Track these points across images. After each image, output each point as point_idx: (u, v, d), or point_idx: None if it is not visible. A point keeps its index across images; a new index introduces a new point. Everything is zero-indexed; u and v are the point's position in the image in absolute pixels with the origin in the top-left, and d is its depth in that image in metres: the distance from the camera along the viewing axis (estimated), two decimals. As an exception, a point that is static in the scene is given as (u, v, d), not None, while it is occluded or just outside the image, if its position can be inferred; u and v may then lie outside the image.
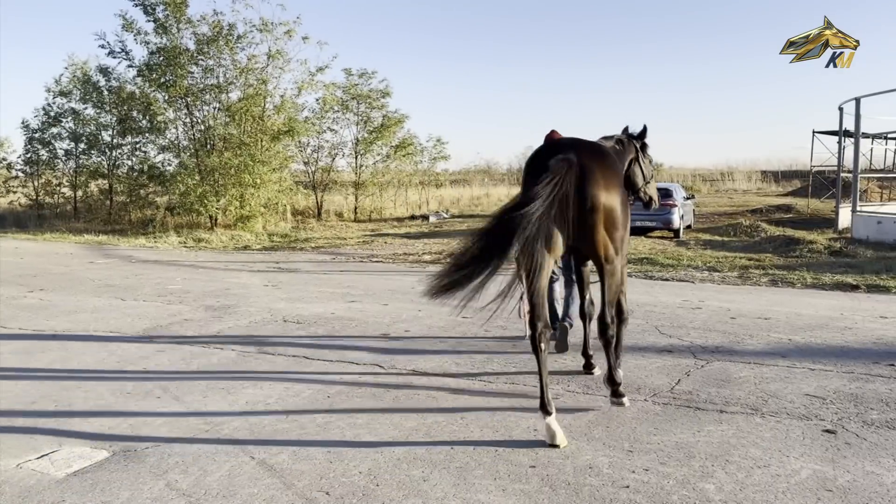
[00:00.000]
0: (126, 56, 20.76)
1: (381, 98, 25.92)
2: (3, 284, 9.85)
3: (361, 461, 3.50)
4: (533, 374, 5.06)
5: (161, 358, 5.71)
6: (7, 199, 26.75)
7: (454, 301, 4.03)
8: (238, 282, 10.18)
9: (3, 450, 3.73)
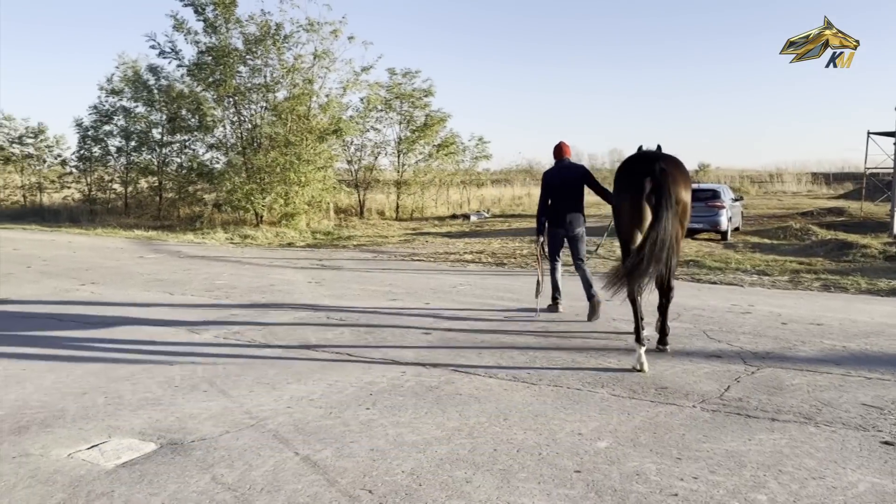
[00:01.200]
0: (176, 56, 21.25)
1: (423, 97, 26.00)
2: (57, 277, 10.16)
3: (404, 460, 3.49)
4: (576, 374, 5.02)
5: (208, 352, 5.80)
6: (62, 195, 27.67)
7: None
8: (283, 278, 10.31)
9: (55, 440, 3.83)
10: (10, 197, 28.82)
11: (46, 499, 3.11)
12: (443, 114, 26.30)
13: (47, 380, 4.98)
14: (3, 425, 4.06)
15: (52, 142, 28.12)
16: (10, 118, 27.92)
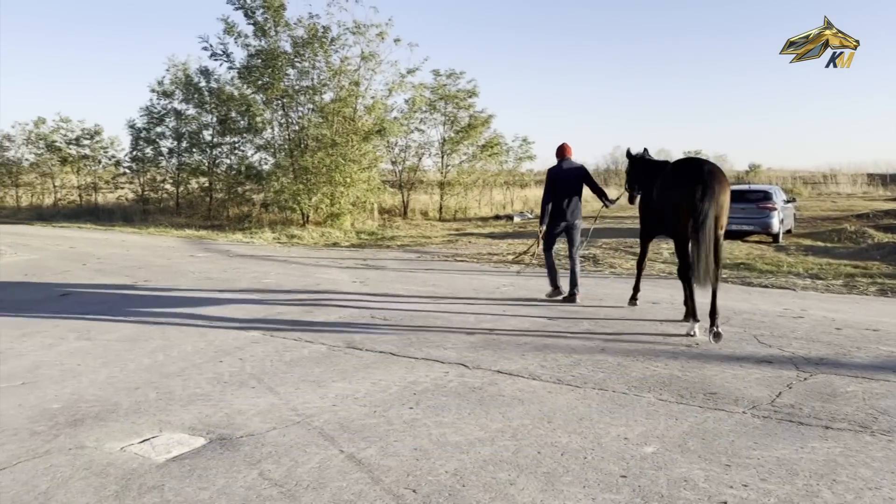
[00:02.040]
0: (227, 58, 21.70)
1: (468, 98, 26.02)
2: (111, 275, 10.47)
3: (448, 461, 3.50)
4: (621, 377, 4.95)
5: (256, 349, 5.91)
6: (115, 195, 28.57)
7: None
8: (328, 277, 10.43)
9: (109, 433, 3.95)
10: (66, 196, 29.91)
11: (100, 490, 3.21)
12: (487, 115, 26.29)
13: (101, 374, 5.14)
14: (60, 418, 4.20)
15: (107, 143, 29.14)
16: (66, 120, 29.01)
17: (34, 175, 30.21)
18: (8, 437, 3.88)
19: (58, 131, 29.06)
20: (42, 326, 6.82)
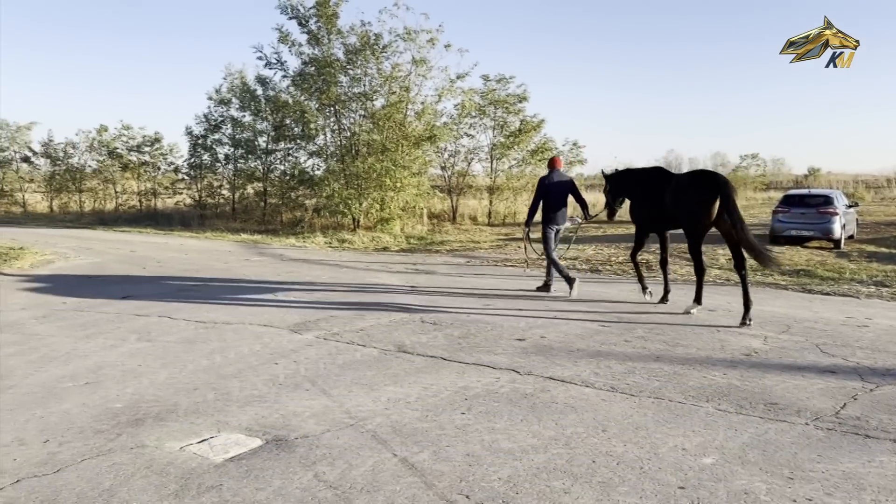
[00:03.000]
0: (281, 67, 22.13)
1: (518, 103, 25.89)
2: (170, 278, 10.78)
3: (500, 467, 3.47)
4: (678, 386, 4.85)
5: (309, 352, 5.99)
6: (174, 200, 29.40)
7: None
8: (378, 282, 10.51)
9: (168, 432, 4.06)
10: (127, 202, 30.91)
11: (161, 489, 3.29)
12: (538, 120, 26.10)
13: (161, 375, 5.28)
14: (122, 418, 4.33)
15: (167, 150, 30.00)
16: (128, 127, 30.00)
17: (97, 181, 31.30)
18: (74, 435, 4.01)
19: (119, 138, 30.08)
20: (104, 328, 7.05)
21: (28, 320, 7.45)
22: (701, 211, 7.54)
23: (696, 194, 7.62)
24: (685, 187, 7.82)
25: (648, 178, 8.66)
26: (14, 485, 3.36)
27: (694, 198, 7.62)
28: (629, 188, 9.02)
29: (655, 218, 8.48)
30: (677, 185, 7.98)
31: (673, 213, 8.01)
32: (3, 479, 3.43)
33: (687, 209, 7.72)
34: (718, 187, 7.46)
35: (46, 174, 32.10)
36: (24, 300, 8.74)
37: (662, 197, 8.15)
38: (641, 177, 8.87)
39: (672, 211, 7.99)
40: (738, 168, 50.60)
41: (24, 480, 3.40)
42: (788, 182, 57.98)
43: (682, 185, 7.89)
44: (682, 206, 7.79)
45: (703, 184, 7.66)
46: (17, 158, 32.63)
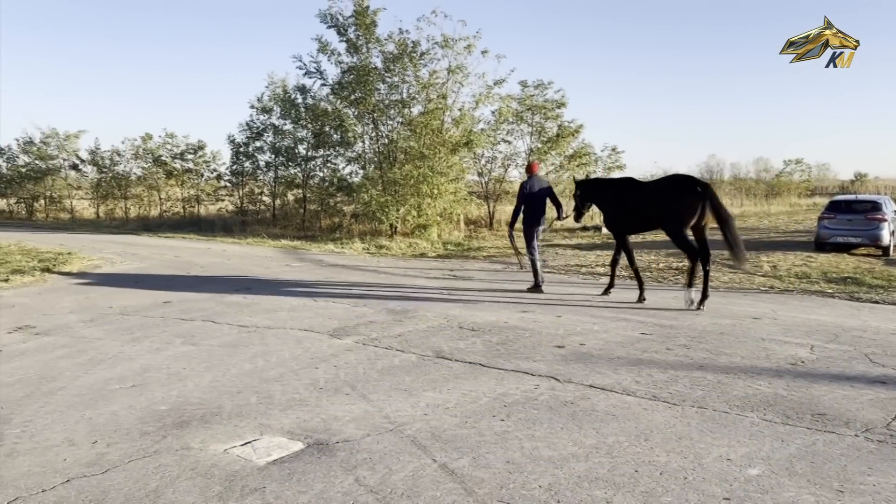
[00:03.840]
0: (320, 76, 22.41)
1: (556, 108, 25.76)
2: (213, 283, 10.97)
3: (541, 475, 3.45)
4: (722, 395, 4.75)
5: (349, 357, 6.04)
6: (216, 207, 29.96)
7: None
8: (416, 287, 10.55)
9: (212, 435, 4.13)
10: (171, 208, 31.61)
11: (205, 491, 3.35)
12: (576, 125, 25.92)
13: (205, 378, 5.38)
14: (168, 420, 4.42)
15: (209, 157, 30.62)
16: (172, 135, 30.73)
17: (141, 188, 32.08)
18: (121, 437, 4.11)
19: (164, 146, 30.82)
20: (150, 332, 7.21)
21: (76, 323, 7.66)
22: (689, 211, 8.37)
23: (685, 197, 8.43)
24: (672, 192, 8.60)
25: (622, 186, 9.56)
26: (64, 484, 3.45)
27: (684, 200, 8.42)
28: (599, 195, 9.91)
29: (631, 222, 9.27)
30: (660, 190, 8.81)
31: (653, 216, 8.81)
32: (54, 478, 3.53)
33: (676, 211, 8.47)
34: (705, 190, 8.40)
35: (93, 181, 33.07)
36: (72, 304, 8.99)
37: (641, 203, 8.94)
38: (613, 185, 9.88)
39: (654, 214, 8.76)
40: (781, 173, 49.46)
41: (74, 480, 3.50)
42: (834, 187, 56.58)
43: (668, 189, 8.69)
44: (670, 209, 8.54)
45: (690, 187, 8.49)
46: (66, 166, 33.70)
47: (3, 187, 33.90)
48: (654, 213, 8.74)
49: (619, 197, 9.39)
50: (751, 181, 49.88)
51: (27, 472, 3.61)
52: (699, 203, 8.30)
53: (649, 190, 9.06)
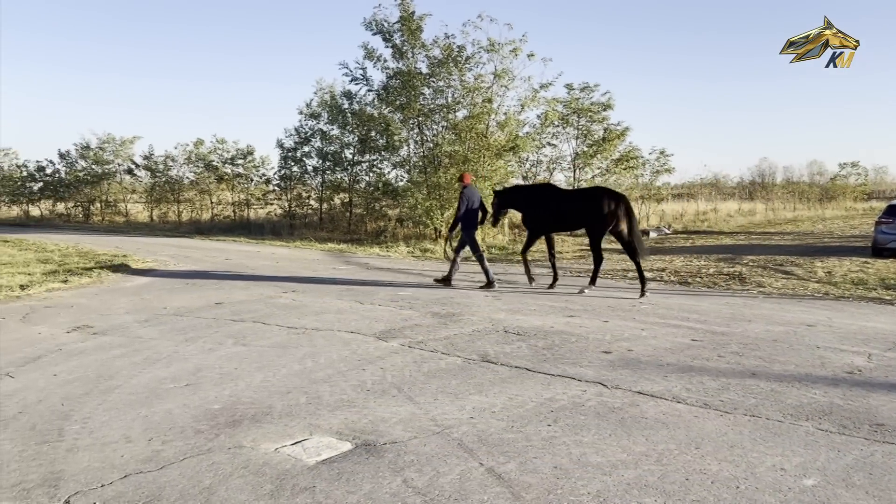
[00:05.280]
0: (366, 82, 22.66)
1: (602, 111, 25.50)
2: (262, 285, 11.19)
3: (589, 481, 3.42)
4: (776, 404, 4.63)
5: (395, 359, 6.09)
6: (265, 210, 30.55)
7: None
8: (460, 291, 10.57)
9: (264, 434, 4.21)
10: (222, 212, 32.35)
11: (257, 489, 3.42)
12: (623, 127, 25.61)
13: (256, 378, 5.49)
14: (220, 418, 4.53)
15: (259, 162, 31.26)
16: (222, 141, 31.48)
17: (193, 192, 32.95)
18: (175, 435, 4.23)
19: (214, 152, 31.60)
20: (202, 332, 7.39)
21: (132, 324, 7.90)
22: (609, 216, 9.97)
23: (606, 204, 10.01)
24: (595, 198, 10.20)
25: (543, 192, 11.13)
26: (122, 479, 3.57)
27: (605, 206, 9.98)
28: (521, 201, 11.29)
29: (550, 223, 10.81)
30: (585, 196, 10.51)
31: (574, 219, 10.50)
32: (112, 473, 3.64)
33: (595, 215, 10.04)
34: (621, 198, 10.19)
35: (147, 185, 34.09)
36: (128, 305, 9.28)
37: (561, 206, 10.54)
38: (534, 191, 11.35)
39: (574, 217, 10.43)
40: (836, 177, 48.00)
41: (131, 476, 3.61)
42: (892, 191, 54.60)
43: (592, 196, 10.32)
44: (590, 213, 10.10)
45: (611, 196, 10.19)
46: (121, 171, 34.81)
47: (62, 191, 35.19)
48: (578, 216, 10.34)
49: (544, 201, 10.81)
50: (804, 185, 48.58)
51: (87, 467, 3.74)
52: (618, 210, 9.96)
53: (575, 196, 10.77)
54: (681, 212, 32.12)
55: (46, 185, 35.56)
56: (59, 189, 35.23)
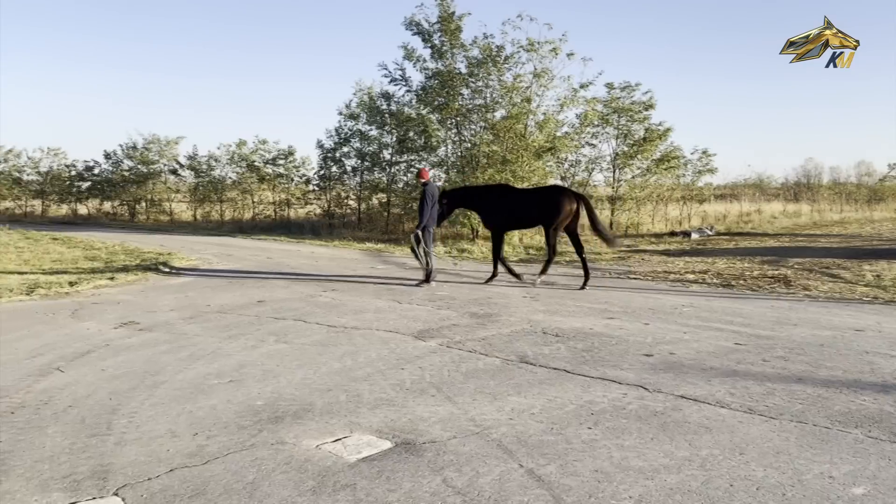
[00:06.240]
0: (405, 82, 22.76)
1: (643, 110, 25.19)
2: (303, 284, 11.33)
3: (631, 486, 3.39)
4: (823, 410, 4.52)
5: (433, 359, 6.11)
6: (305, 210, 30.92)
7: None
8: (498, 292, 10.55)
9: (305, 431, 4.27)
10: (263, 211, 32.83)
11: (299, 485, 3.47)
12: (664, 127, 25.25)
13: (297, 376, 5.57)
14: (263, 414, 4.60)
15: (299, 162, 31.65)
16: (264, 142, 31.94)
17: (236, 192, 33.49)
18: (219, 430, 4.31)
19: (256, 152, 32.07)
20: (245, 329, 7.52)
21: (177, 321, 8.08)
22: (568, 212, 10.82)
23: (566, 201, 10.88)
24: (554, 196, 11.05)
25: (501, 191, 11.91)
26: (168, 473, 3.65)
27: (565, 203, 10.84)
28: (471, 202, 12.16)
29: (511, 220, 11.55)
30: (544, 195, 11.29)
31: (535, 216, 11.24)
32: (158, 467, 3.73)
33: (554, 211, 10.81)
34: (580, 197, 11.24)
35: (191, 185, 34.76)
36: (173, 302, 9.49)
37: (520, 204, 11.35)
38: (494, 191, 12.04)
39: (535, 214, 11.17)
40: (885, 178, 46.53)
41: (177, 470, 3.69)
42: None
43: (551, 194, 11.17)
44: (548, 210, 10.88)
45: (571, 194, 11.23)
46: (166, 171, 35.57)
47: (109, 190, 36.13)
48: (536, 213, 11.14)
49: (499, 201, 11.48)
50: (851, 185, 47.25)
51: (134, 460, 3.83)
52: (578, 208, 10.98)
53: (532, 195, 11.49)
54: (723, 213, 31.52)
55: (94, 184, 36.53)
56: (105, 188, 36.17)
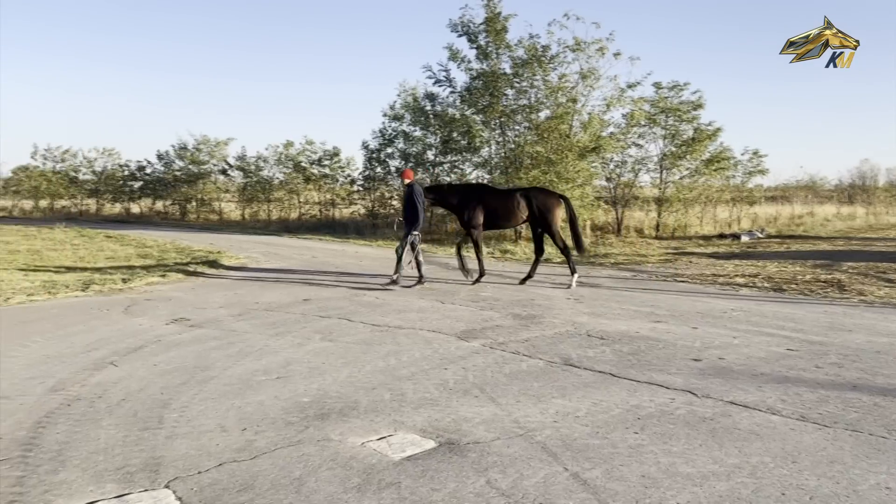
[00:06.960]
0: (449, 83, 22.80)
1: (692, 110, 24.72)
2: (348, 282, 11.44)
3: (679, 492, 3.33)
4: (880, 419, 4.37)
5: (477, 359, 6.11)
6: (350, 210, 31.24)
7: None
8: (542, 293, 10.49)
9: (350, 428, 4.31)
10: (308, 211, 33.30)
11: (345, 482, 3.50)
12: (713, 128, 24.73)
13: (342, 374, 5.63)
14: (309, 411, 4.67)
15: (344, 163, 32.02)
16: (310, 142, 32.41)
17: (283, 192, 34.06)
18: (268, 426, 4.38)
19: (303, 153, 32.56)
20: (292, 327, 7.64)
21: (226, 318, 8.25)
22: (557, 212, 11.37)
23: (553, 201, 11.44)
24: (539, 196, 11.50)
25: (482, 191, 12.18)
26: (217, 467, 3.73)
27: (552, 203, 11.37)
28: (456, 198, 11.88)
29: (494, 219, 11.69)
30: (527, 195, 11.49)
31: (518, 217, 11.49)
32: (208, 461, 3.81)
33: (544, 211, 11.29)
34: (563, 198, 11.76)
35: (240, 185, 35.47)
36: (222, 299, 9.69)
37: (503, 204, 11.51)
38: (475, 190, 12.20)
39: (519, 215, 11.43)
40: (946, 179, 44.81)
41: (226, 465, 3.76)
42: None
43: (535, 195, 11.52)
44: (542, 213, 11.28)
45: (558, 196, 11.79)
46: (216, 171, 36.37)
47: (160, 190, 37.12)
48: (523, 215, 11.40)
49: (481, 200, 11.57)
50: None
51: (184, 454, 3.92)
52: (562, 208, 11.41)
53: (516, 195, 11.53)
54: (774, 215, 30.74)
55: (146, 183, 37.58)
56: (157, 188, 37.17)
